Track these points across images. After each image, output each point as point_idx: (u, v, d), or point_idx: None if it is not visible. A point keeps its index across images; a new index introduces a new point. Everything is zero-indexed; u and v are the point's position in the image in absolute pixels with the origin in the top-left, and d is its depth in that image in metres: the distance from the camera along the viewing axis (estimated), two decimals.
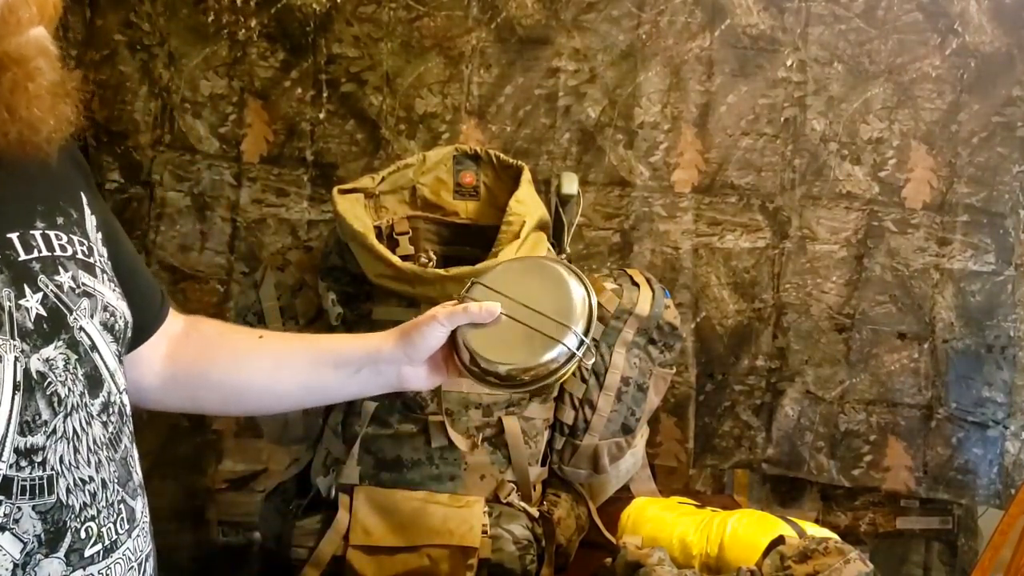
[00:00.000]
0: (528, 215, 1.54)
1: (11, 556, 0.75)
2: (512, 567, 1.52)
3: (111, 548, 0.83)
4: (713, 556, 1.47)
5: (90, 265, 0.86)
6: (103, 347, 0.85)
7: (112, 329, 0.87)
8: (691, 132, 2.22)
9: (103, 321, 0.85)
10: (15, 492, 0.75)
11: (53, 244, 0.81)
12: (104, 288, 0.87)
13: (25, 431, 0.75)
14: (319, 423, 1.69)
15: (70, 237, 0.84)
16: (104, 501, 0.83)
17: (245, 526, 2.27)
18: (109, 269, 0.90)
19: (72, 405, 0.80)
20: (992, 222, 2.22)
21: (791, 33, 2.19)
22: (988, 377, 2.23)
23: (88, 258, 0.86)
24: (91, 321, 0.83)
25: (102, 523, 0.82)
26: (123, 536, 0.85)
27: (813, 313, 2.25)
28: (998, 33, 2.18)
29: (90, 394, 0.83)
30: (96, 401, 0.83)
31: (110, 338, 0.86)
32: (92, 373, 0.83)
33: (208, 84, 2.19)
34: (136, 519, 0.88)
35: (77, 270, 0.83)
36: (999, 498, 2.21)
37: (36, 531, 0.76)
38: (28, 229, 0.80)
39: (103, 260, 0.89)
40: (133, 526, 0.87)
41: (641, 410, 1.70)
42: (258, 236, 2.23)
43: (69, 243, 0.83)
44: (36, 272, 0.79)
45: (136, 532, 0.88)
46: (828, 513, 2.33)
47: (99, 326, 0.84)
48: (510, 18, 2.18)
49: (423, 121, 2.20)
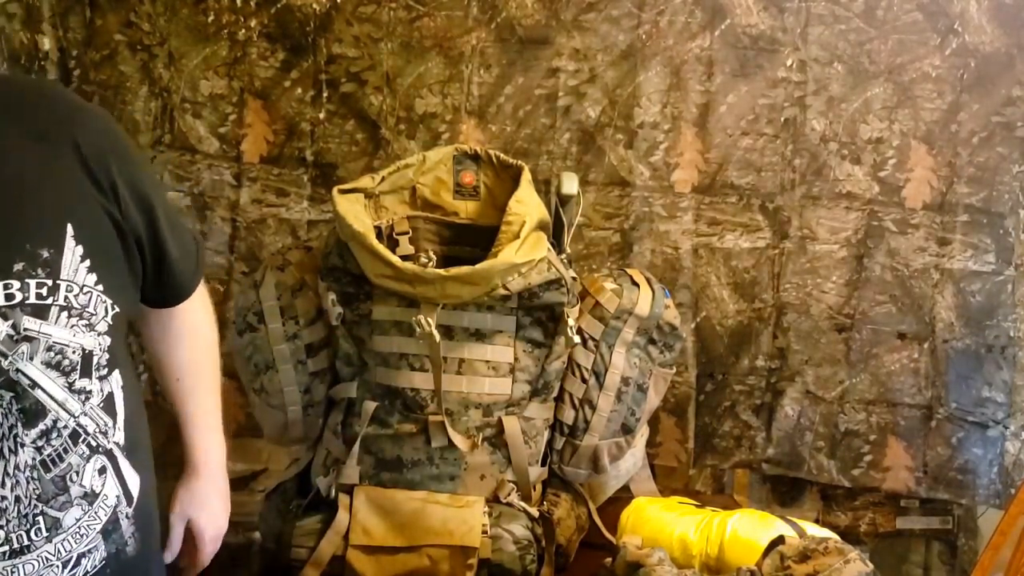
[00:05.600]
0: (528, 215, 1.54)
1: None
2: (512, 567, 1.52)
3: (20, 551, 0.96)
4: (713, 556, 1.48)
5: (42, 308, 0.94)
6: (46, 383, 0.95)
7: (59, 366, 0.96)
8: (691, 132, 2.22)
9: (45, 360, 0.95)
10: None
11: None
12: (53, 328, 0.95)
13: None
14: (319, 423, 1.70)
15: (24, 283, 0.92)
16: (15, 513, 0.96)
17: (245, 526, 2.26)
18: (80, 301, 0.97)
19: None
20: (992, 222, 2.22)
21: (791, 33, 2.19)
22: (988, 377, 2.23)
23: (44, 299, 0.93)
24: (30, 364, 0.94)
25: (11, 530, 0.96)
26: (39, 541, 0.98)
27: (813, 313, 2.25)
28: (998, 33, 2.18)
29: (25, 426, 0.95)
30: (32, 431, 0.95)
31: (56, 374, 0.96)
32: (29, 408, 0.95)
33: (208, 84, 2.19)
34: (63, 527, 1.00)
35: (21, 317, 0.92)
36: (999, 498, 2.21)
37: None
38: None
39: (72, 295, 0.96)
40: (56, 532, 0.99)
41: (641, 410, 1.70)
42: (258, 236, 2.23)
43: (20, 290, 0.91)
44: None
45: (61, 538, 1.00)
46: (828, 513, 2.33)
47: (41, 365, 0.94)
48: (510, 18, 2.18)
49: (423, 121, 2.20)
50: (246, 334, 1.66)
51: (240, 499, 2.25)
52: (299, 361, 1.65)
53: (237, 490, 2.26)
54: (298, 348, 1.64)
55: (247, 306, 1.66)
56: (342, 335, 1.61)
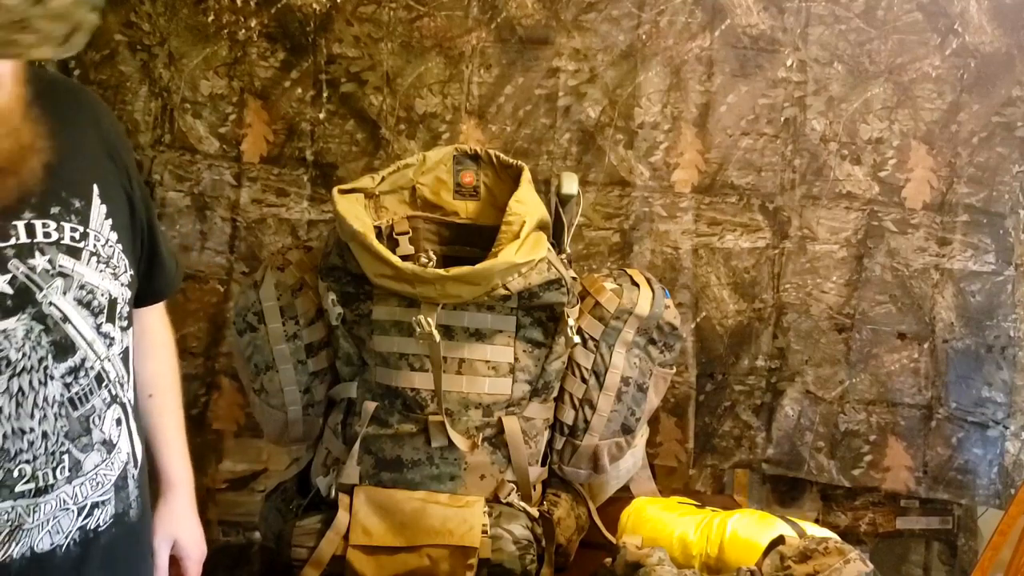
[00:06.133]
0: (528, 215, 1.54)
1: None
2: (512, 567, 1.52)
3: (43, 490, 0.99)
4: (713, 556, 1.48)
5: (76, 249, 1.01)
6: (78, 320, 1.00)
7: (89, 305, 1.02)
8: (691, 132, 2.22)
9: (77, 298, 1.00)
10: None
11: (36, 232, 0.97)
12: (85, 269, 1.01)
13: None
14: (319, 423, 1.70)
15: (60, 224, 0.99)
16: (43, 449, 0.98)
17: (245, 526, 2.27)
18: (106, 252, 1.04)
19: (24, 368, 0.96)
20: (992, 222, 2.22)
21: (791, 33, 2.19)
22: (988, 377, 2.23)
23: (77, 242, 1.01)
24: (63, 297, 0.99)
25: (38, 467, 0.98)
26: (60, 482, 1.00)
27: (813, 313, 2.25)
28: (998, 33, 2.18)
29: (55, 359, 0.98)
30: (62, 365, 0.99)
31: (86, 313, 1.01)
32: (60, 341, 0.99)
33: (208, 84, 2.19)
34: (84, 470, 1.02)
35: (56, 254, 0.98)
36: (999, 498, 2.21)
37: None
38: (10, 220, 0.95)
39: (100, 244, 1.04)
40: (76, 475, 1.02)
41: (641, 410, 1.70)
42: (258, 236, 2.23)
43: (57, 229, 0.99)
44: (8, 256, 0.95)
45: (81, 481, 1.02)
46: (828, 513, 2.33)
47: (73, 302, 0.99)
48: (510, 18, 2.18)
49: (423, 121, 2.20)
50: (246, 334, 1.66)
51: (240, 499, 2.28)
52: (299, 361, 1.65)
53: (237, 490, 2.28)
54: (298, 348, 1.64)
55: (247, 306, 1.66)
56: (342, 335, 1.61)
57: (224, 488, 2.29)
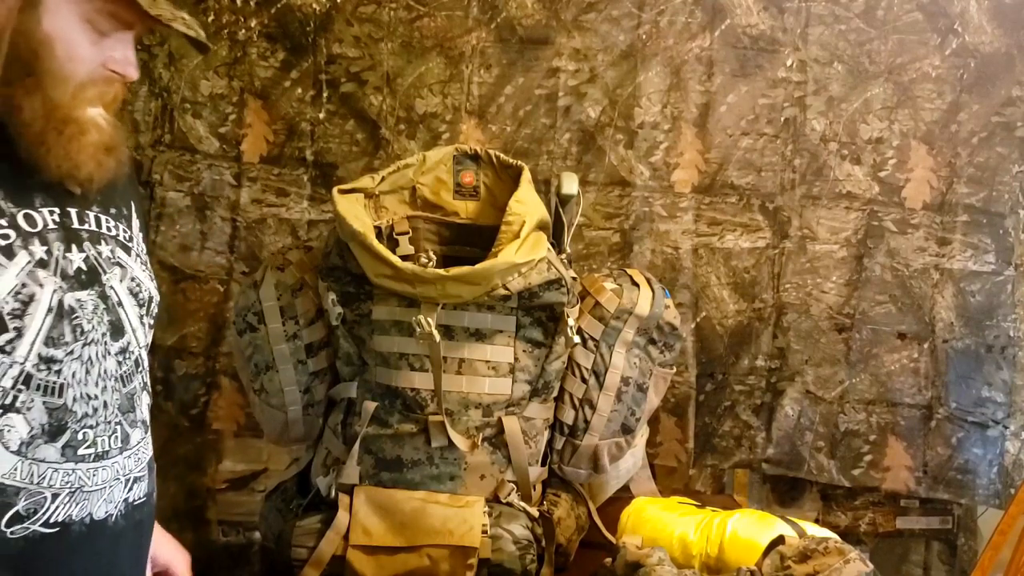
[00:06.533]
0: (528, 215, 1.54)
1: (20, 434, 0.99)
2: (512, 567, 1.52)
3: (102, 456, 1.06)
4: (713, 556, 1.48)
5: (127, 247, 1.12)
6: (128, 306, 1.10)
7: (136, 296, 1.11)
8: (691, 132, 2.22)
9: (129, 288, 1.10)
10: (32, 387, 0.99)
11: (102, 225, 1.09)
12: (135, 265, 1.12)
13: (49, 344, 1.00)
14: (319, 423, 1.70)
15: (116, 224, 1.11)
16: (103, 418, 1.06)
17: (245, 526, 2.27)
18: (145, 256, 1.16)
19: (92, 339, 1.04)
20: (992, 222, 2.22)
21: (791, 33, 2.19)
22: (988, 377, 2.23)
23: (128, 243, 1.12)
24: (120, 284, 1.09)
25: (98, 434, 1.05)
26: (114, 451, 1.07)
27: (813, 313, 2.25)
28: (998, 33, 2.18)
29: (111, 337, 1.07)
30: (116, 344, 1.08)
31: (134, 302, 1.11)
32: (115, 322, 1.07)
33: (208, 84, 2.19)
34: (131, 444, 1.10)
35: (115, 247, 1.10)
36: (999, 498, 2.21)
37: (42, 421, 1.00)
38: (84, 209, 1.07)
39: (141, 249, 1.15)
40: (126, 447, 1.09)
41: (641, 410, 1.70)
42: (258, 236, 2.23)
43: (115, 227, 1.11)
44: (83, 238, 1.06)
45: (128, 454, 1.10)
46: (828, 513, 2.33)
47: (125, 290, 1.09)
48: (510, 18, 2.18)
49: (423, 121, 2.20)
50: (246, 334, 1.66)
51: (240, 499, 2.28)
52: (299, 361, 1.65)
53: (237, 490, 2.28)
54: (298, 348, 1.64)
55: (247, 306, 1.66)
56: (342, 335, 1.61)
57: (224, 488, 2.28)
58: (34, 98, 0.97)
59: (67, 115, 1.00)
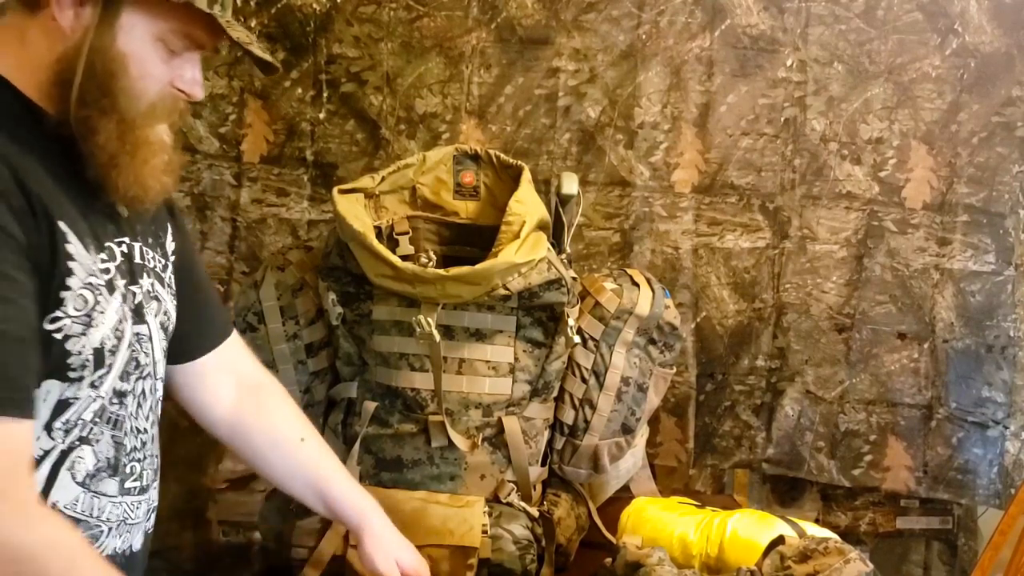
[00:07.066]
0: (528, 215, 1.54)
1: (87, 467, 1.00)
2: (512, 567, 1.52)
3: (144, 489, 1.08)
4: (713, 556, 1.47)
5: (162, 277, 1.12)
6: (156, 340, 1.10)
7: (165, 328, 1.12)
8: (691, 132, 2.22)
9: (161, 322, 1.11)
10: (103, 419, 1.00)
11: (146, 257, 1.09)
12: (166, 295, 1.13)
13: (123, 379, 1.02)
14: (319, 423, 1.69)
15: (154, 254, 1.12)
16: (148, 451, 1.09)
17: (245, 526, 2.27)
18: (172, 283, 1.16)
19: (146, 372, 1.07)
20: (992, 222, 2.22)
21: (791, 33, 2.19)
22: (988, 377, 2.23)
23: (162, 272, 1.13)
24: (154, 318, 1.09)
25: (144, 467, 1.07)
26: (151, 484, 1.10)
27: (813, 313, 2.25)
28: (998, 33, 2.18)
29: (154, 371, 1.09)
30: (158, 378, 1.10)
31: (162, 335, 1.11)
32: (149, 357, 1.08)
33: (208, 84, 2.17)
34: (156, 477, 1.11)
35: (152, 279, 1.10)
36: (999, 498, 2.21)
37: (108, 454, 1.02)
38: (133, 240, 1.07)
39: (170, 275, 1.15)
40: (155, 479, 1.11)
41: (641, 410, 1.70)
42: (258, 236, 2.23)
43: (152, 258, 1.11)
44: (138, 272, 1.07)
45: (156, 485, 1.11)
46: (828, 513, 2.33)
47: (157, 324, 1.10)
48: (510, 18, 2.18)
49: (423, 121, 2.20)
50: (246, 334, 1.65)
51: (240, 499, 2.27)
52: (299, 361, 1.65)
53: (237, 490, 2.28)
54: (298, 348, 1.64)
55: (247, 306, 1.66)
56: (342, 335, 1.61)
57: (224, 488, 2.28)
58: (110, 119, 0.97)
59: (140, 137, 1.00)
